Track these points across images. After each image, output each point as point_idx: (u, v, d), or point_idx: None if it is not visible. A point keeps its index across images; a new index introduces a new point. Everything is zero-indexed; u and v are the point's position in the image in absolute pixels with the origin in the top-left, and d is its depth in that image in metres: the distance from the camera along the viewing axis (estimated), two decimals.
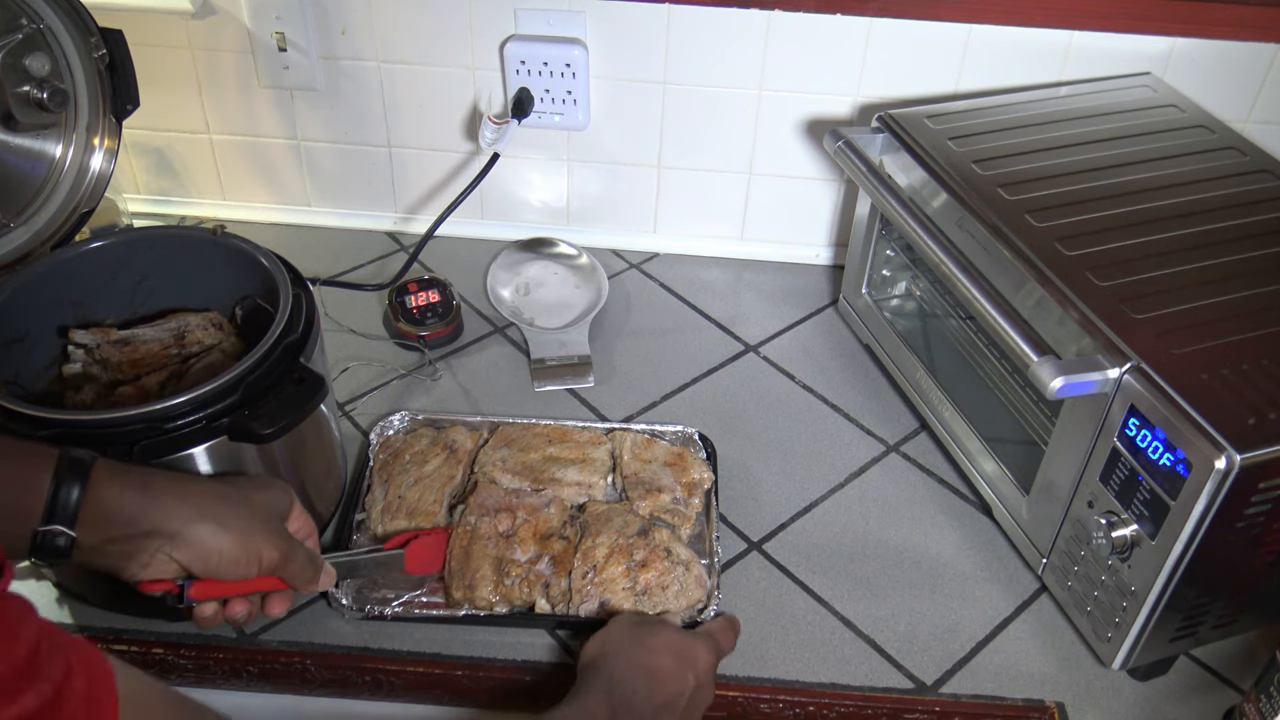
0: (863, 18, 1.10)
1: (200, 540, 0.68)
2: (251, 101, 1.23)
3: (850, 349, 1.18)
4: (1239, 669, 0.87)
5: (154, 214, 1.33)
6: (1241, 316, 0.80)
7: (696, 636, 0.80)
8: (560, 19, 1.14)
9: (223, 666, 0.85)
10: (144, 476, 0.69)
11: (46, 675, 0.44)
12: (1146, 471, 0.75)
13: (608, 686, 0.72)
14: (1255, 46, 1.09)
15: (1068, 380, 0.76)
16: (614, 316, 1.21)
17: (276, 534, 0.73)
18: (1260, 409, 0.72)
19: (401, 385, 1.11)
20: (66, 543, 0.64)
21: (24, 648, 0.43)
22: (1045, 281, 0.83)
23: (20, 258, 0.91)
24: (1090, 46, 1.10)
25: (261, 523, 0.72)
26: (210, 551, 0.69)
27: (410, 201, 1.32)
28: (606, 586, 0.86)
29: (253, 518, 0.71)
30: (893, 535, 0.97)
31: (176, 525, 0.67)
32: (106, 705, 0.47)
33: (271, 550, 0.72)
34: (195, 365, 0.89)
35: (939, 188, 0.95)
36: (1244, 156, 0.98)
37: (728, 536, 0.96)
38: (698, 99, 1.19)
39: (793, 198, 1.26)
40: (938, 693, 0.85)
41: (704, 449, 1.02)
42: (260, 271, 0.89)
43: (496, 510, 0.90)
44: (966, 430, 0.98)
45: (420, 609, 0.86)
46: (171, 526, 0.67)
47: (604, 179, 1.27)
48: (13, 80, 0.88)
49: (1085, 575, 0.83)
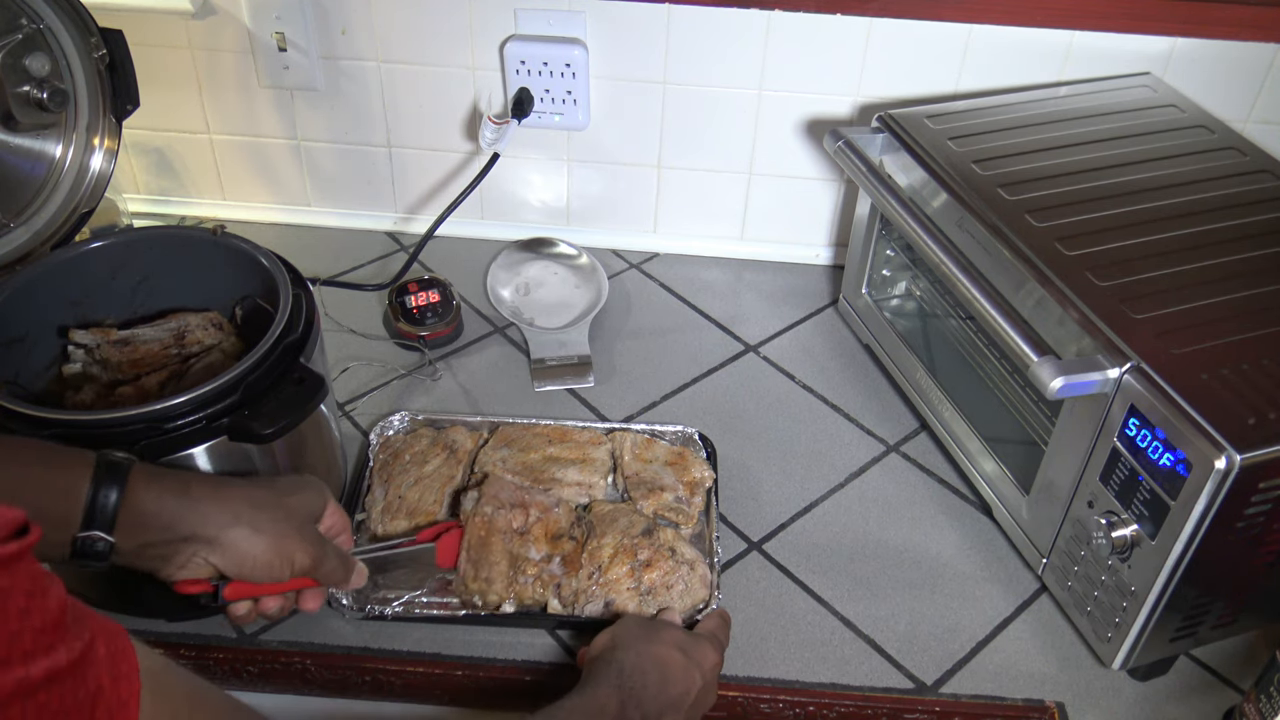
0: (863, 18, 1.10)
1: (235, 545, 0.69)
2: (251, 101, 1.23)
3: (850, 349, 1.18)
4: (1239, 669, 0.87)
5: (154, 214, 1.33)
6: (1241, 316, 0.80)
7: (702, 637, 0.80)
8: (560, 19, 1.14)
9: (223, 666, 0.85)
10: (182, 481, 0.70)
11: (76, 634, 0.44)
12: (1146, 471, 0.75)
13: (618, 678, 0.72)
14: (1255, 46, 1.09)
15: (1068, 380, 0.76)
16: (614, 316, 1.21)
17: (309, 539, 0.74)
18: (1260, 409, 0.72)
19: (401, 385, 1.11)
20: (106, 547, 0.65)
21: (55, 606, 0.44)
22: (1045, 281, 0.83)
23: (20, 258, 0.91)
24: (1090, 46, 1.10)
25: (295, 527, 0.73)
26: (245, 556, 0.70)
27: (410, 201, 1.32)
28: (611, 587, 0.86)
29: (287, 522, 0.72)
30: (893, 535, 0.97)
31: (213, 531, 0.68)
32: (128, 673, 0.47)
33: (304, 555, 0.73)
34: (195, 365, 0.89)
35: (939, 188, 0.95)
36: (1244, 156, 0.98)
37: (728, 536, 0.96)
38: (698, 99, 1.19)
39: (793, 198, 1.26)
40: (938, 693, 0.85)
41: (704, 449, 1.02)
42: (260, 271, 0.89)
43: (511, 505, 0.90)
44: (966, 430, 0.98)
45: (420, 609, 0.86)
46: (208, 532, 0.68)
47: (604, 179, 1.27)
48: (13, 80, 0.88)
49: (1085, 575, 0.83)
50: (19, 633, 0.42)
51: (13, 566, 0.42)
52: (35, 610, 0.43)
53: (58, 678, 0.43)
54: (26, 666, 0.41)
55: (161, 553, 0.68)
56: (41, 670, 0.42)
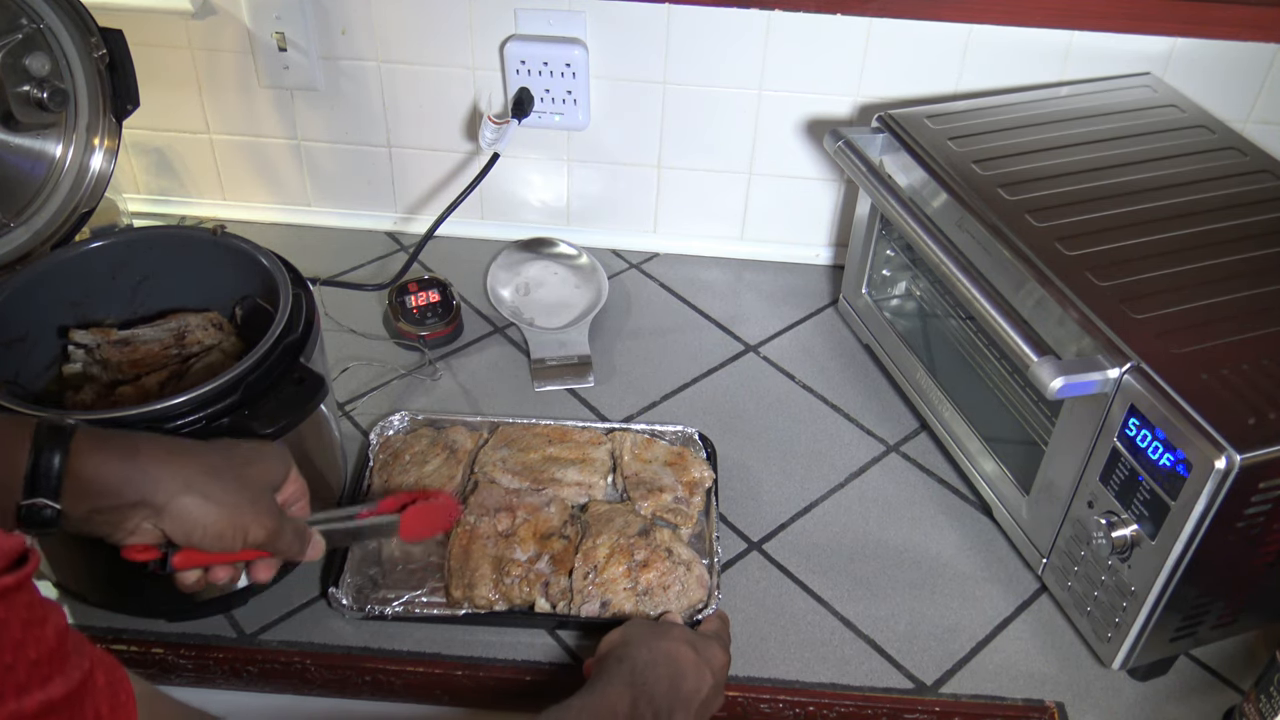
0: (863, 18, 1.10)
1: (185, 514, 0.66)
2: (251, 101, 1.23)
3: (850, 349, 1.18)
4: (1239, 669, 0.87)
5: (154, 214, 1.33)
6: (1241, 316, 0.80)
7: (710, 637, 0.80)
8: (560, 19, 1.14)
9: (222, 666, 0.85)
10: (130, 444, 0.66)
11: (75, 664, 0.44)
12: (1146, 471, 0.75)
13: (630, 674, 0.72)
14: (1255, 46, 1.09)
15: (1068, 380, 0.76)
16: (614, 316, 1.21)
17: (265, 510, 0.70)
18: (1260, 409, 0.72)
19: (401, 385, 1.11)
20: (53, 514, 0.62)
21: (52, 636, 0.43)
22: (1045, 281, 0.83)
23: (20, 258, 0.91)
24: (1090, 46, 1.10)
25: (250, 499, 0.69)
26: (195, 525, 0.67)
27: (410, 201, 1.32)
28: (608, 587, 0.86)
29: (241, 492, 0.69)
30: (893, 535, 0.97)
31: (162, 498, 0.65)
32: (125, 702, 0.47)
33: (259, 528, 0.69)
34: (195, 365, 0.89)
35: (939, 188, 0.95)
36: (1244, 156, 0.98)
37: (728, 536, 0.96)
38: (698, 99, 1.19)
39: (793, 198, 1.26)
40: (938, 693, 0.85)
41: (704, 449, 1.02)
42: (260, 271, 0.89)
43: (496, 510, 0.91)
44: (966, 430, 0.98)
45: (420, 609, 0.86)
46: (157, 499, 0.65)
47: (604, 179, 1.27)
48: (13, 80, 0.88)
49: (1085, 575, 0.83)
50: (13, 665, 0.41)
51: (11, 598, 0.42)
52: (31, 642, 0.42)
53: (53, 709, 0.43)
54: (19, 700, 0.41)
55: (109, 518, 0.65)
56: (35, 703, 0.42)
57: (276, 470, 0.74)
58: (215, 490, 0.67)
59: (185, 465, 0.67)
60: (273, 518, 0.71)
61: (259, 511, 0.70)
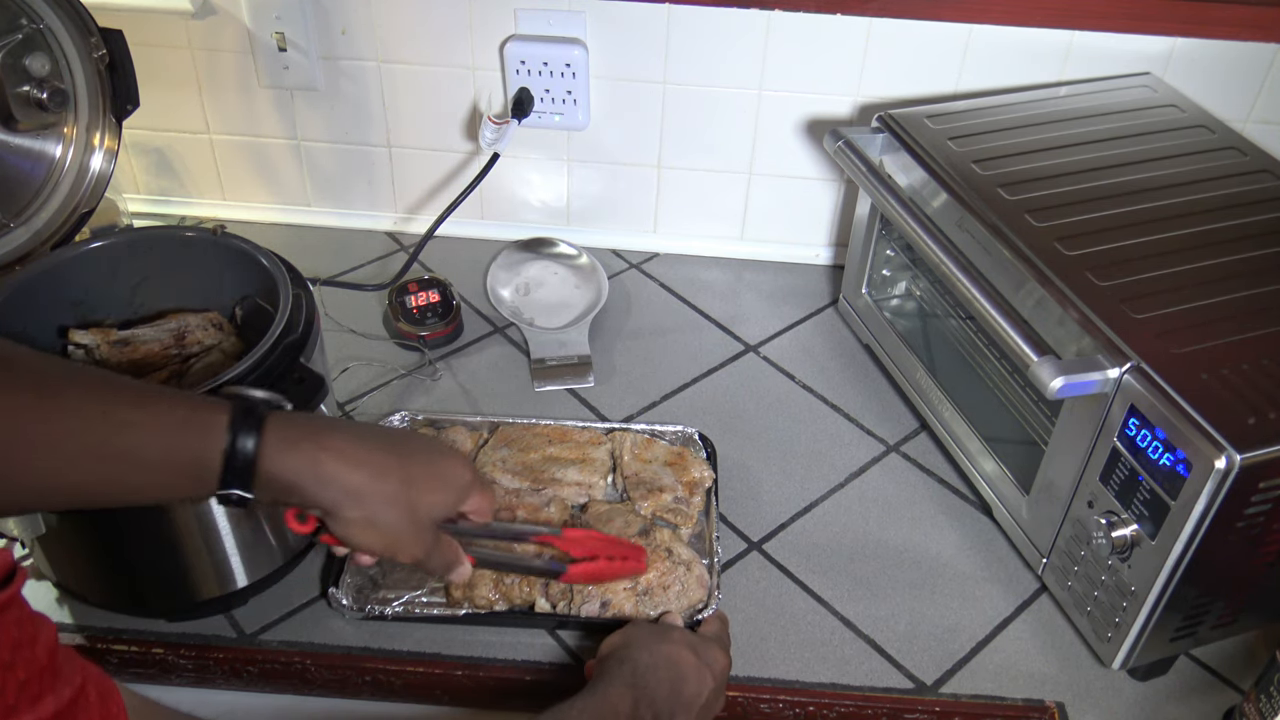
0: (863, 18, 1.10)
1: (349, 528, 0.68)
2: (251, 101, 1.23)
3: (850, 349, 1.18)
4: (1239, 669, 0.87)
5: (154, 214, 1.33)
6: (1241, 316, 0.80)
7: (710, 639, 0.80)
8: (560, 19, 1.14)
9: (222, 666, 0.85)
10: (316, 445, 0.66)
11: (66, 680, 0.44)
12: (1146, 471, 0.75)
13: (631, 677, 0.72)
14: (1255, 46, 1.09)
15: (1068, 380, 0.76)
16: (614, 316, 1.21)
17: (421, 540, 0.72)
18: (1260, 409, 0.72)
19: (401, 385, 1.11)
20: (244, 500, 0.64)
21: (43, 654, 0.43)
22: (1045, 281, 0.83)
23: (20, 258, 0.91)
24: (1090, 46, 1.10)
25: (413, 531, 0.71)
26: (355, 539, 0.69)
27: (410, 201, 1.32)
28: (607, 587, 0.86)
29: (407, 522, 0.70)
30: (893, 535, 0.97)
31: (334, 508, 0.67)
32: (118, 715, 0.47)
33: (412, 553, 0.72)
34: (195, 365, 0.89)
35: (939, 188, 0.95)
36: (1244, 156, 0.98)
37: (728, 536, 0.96)
38: (698, 99, 1.19)
39: (793, 198, 1.26)
40: (938, 693, 0.85)
41: (704, 449, 1.02)
42: (260, 271, 0.89)
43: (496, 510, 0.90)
44: (966, 430, 0.98)
45: (420, 609, 0.86)
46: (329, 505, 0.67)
47: (604, 179, 1.27)
48: (13, 80, 0.89)
49: (1085, 575, 0.83)
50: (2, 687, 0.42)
51: None
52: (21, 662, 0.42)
53: None
54: None
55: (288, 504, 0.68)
56: None
57: (449, 501, 0.74)
58: (384, 518, 0.69)
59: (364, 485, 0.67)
60: (427, 546, 0.72)
61: (417, 539, 0.71)
